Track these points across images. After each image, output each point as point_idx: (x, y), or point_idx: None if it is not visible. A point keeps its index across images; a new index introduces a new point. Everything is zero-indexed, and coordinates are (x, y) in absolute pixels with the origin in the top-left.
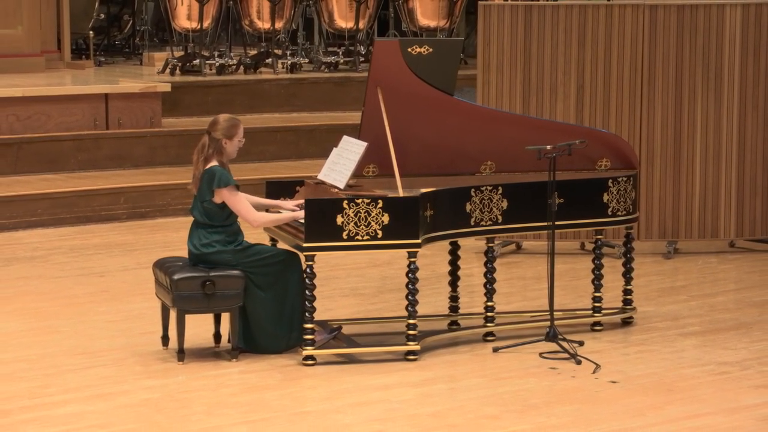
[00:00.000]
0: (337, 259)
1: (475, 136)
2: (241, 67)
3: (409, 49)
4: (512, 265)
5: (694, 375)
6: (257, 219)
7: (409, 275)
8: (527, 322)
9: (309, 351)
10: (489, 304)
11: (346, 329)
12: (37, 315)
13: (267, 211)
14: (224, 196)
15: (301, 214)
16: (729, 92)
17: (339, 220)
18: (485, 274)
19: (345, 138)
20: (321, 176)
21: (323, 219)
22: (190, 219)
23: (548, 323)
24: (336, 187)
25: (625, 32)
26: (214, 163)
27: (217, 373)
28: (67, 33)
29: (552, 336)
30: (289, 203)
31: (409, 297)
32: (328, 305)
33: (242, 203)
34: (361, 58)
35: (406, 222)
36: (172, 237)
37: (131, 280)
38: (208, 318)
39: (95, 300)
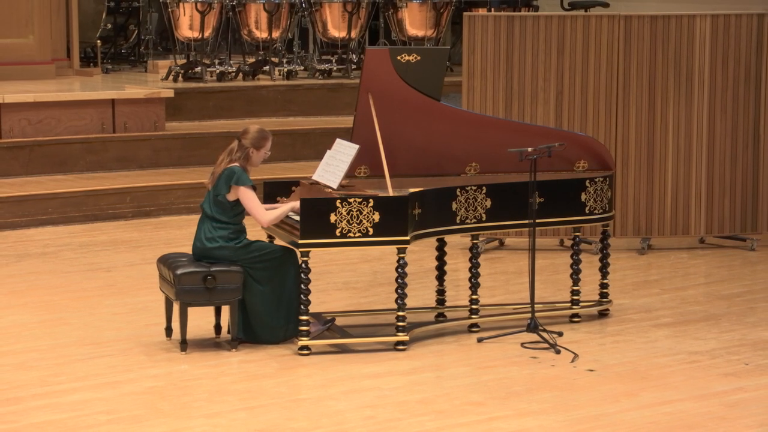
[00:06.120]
0: (330, 255)
1: (461, 139)
2: (240, 74)
3: (399, 57)
4: (495, 260)
5: (667, 363)
6: (266, 218)
7: (399, 270)
8: (510, 314)
9: (304, 341)
10: (474, 297)
11: (339, 321)
12: (48, 308)
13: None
14: (240, 192)
15: (298, 203)
16: (699, 97)
17: (332, 218)
18: (470, 269)
19: (338, 141)
20: (315, 177)
21: (318, 217)
22: (193, 217)
23: (529, 315)
24: (329, 187)
25: (601, 41)
26: (236, 165)
27: (218, 363)
28: (76, 42)
29: (533, 327)
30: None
31: (399, 290)
32: (322, 298)
33: (255, 202)
34: (353, 66)
35: (396, 220)
36: (176, 234)
37: (136, 274)
38: (209, 310)
39: (103, 294)
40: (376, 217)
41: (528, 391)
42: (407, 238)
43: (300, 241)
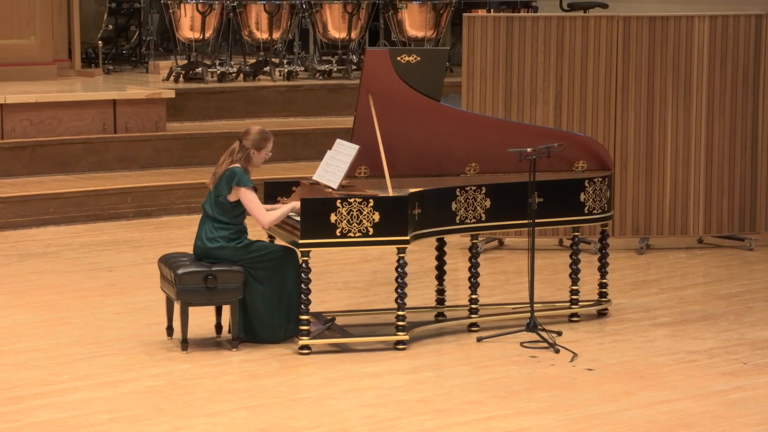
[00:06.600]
0: (331, 255)
1: (461, 139)
2: (241, 74)
3: (398, 58)
4: (495, 260)
5: (665, 363)
6: (266, 219)
7: (399, 270)
8: (509, 313)
9: (305, 341)
10: (473, 296)
11: (340, 320)
12: (50, 307)
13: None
14: (240, 194)
15: (298, 203)
16: (698, 98)
17: (333, 218)
18: (470, 269)
19: (338, 141)
20: (316, 177)
21: (318, 217)
22: (194, 217)
23: (529, 314)
24: (330, 188)
25: (600, 42)
26: (237, 166)
27: (219, 362)
28: (78, 43)
29: (532, 326)
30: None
31: (399, 290)
32: (322, 298)
33: (256, 203)
34: (354, 66)
35: (396, 220)
36: (177, 234)
37: (138, 274)
38: (210, 310)
39: (104, 293)
40: (376, 217)
41: (527, 390)
42: (407, 238)
43: (300, 241)
